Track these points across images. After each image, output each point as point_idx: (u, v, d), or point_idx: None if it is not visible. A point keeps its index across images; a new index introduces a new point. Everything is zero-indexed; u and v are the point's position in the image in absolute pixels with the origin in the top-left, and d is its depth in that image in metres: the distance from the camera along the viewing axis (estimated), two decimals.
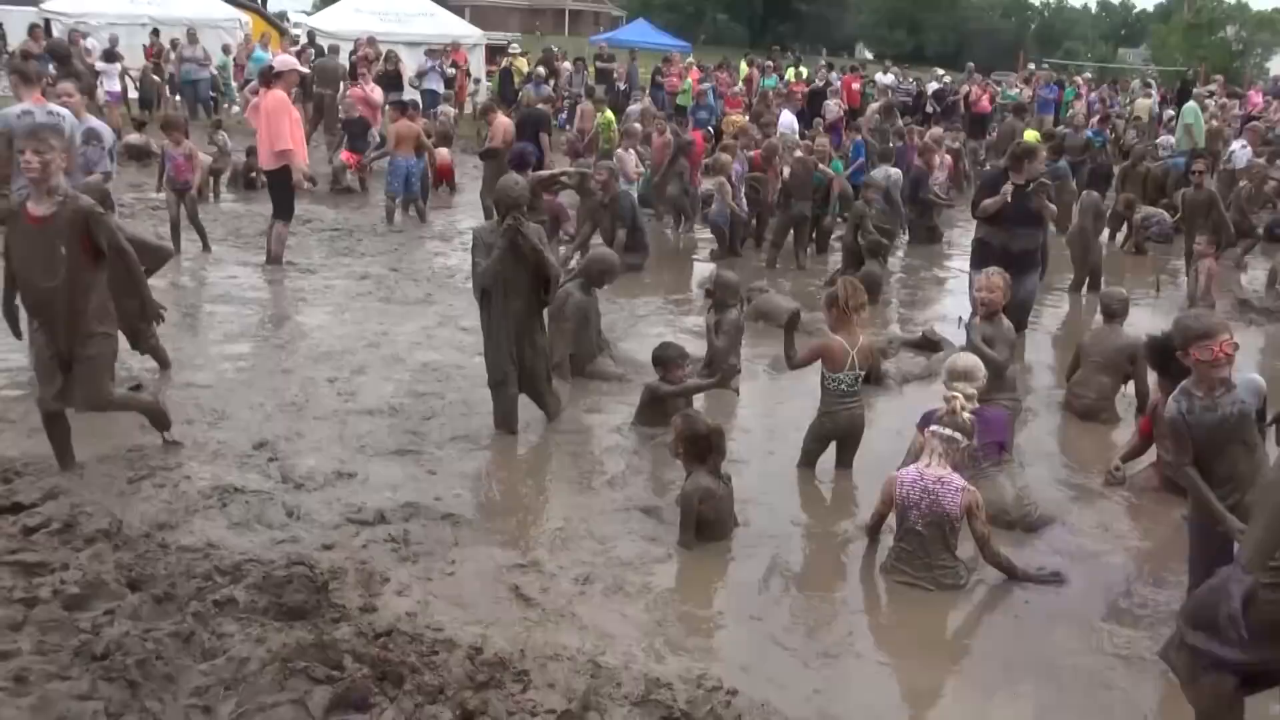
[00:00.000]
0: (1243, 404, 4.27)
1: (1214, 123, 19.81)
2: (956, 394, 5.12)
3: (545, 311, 6.79)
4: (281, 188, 10.33)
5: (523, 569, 4.93)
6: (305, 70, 13.35)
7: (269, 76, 10.94)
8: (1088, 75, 32.62)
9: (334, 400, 7.05)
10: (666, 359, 6.87)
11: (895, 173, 12.71)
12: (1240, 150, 15.19)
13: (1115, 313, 7.41)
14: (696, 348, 8.00)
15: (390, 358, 8.01)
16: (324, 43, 22.10)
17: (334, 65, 18.27)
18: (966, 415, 5.02)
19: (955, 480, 4.92)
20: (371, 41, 20.51)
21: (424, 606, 4.51)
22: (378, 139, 16.78)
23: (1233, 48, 77.34)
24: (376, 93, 17.28)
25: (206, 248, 11.05)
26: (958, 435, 4.98)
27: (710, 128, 18.71)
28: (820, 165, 12.36)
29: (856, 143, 14.82)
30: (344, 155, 15.58)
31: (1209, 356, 4.13)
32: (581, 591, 4.78)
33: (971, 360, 5.73)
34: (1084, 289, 11.23)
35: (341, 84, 18.27)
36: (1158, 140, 20.06)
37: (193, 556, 4.65)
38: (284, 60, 11.35)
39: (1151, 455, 6.27)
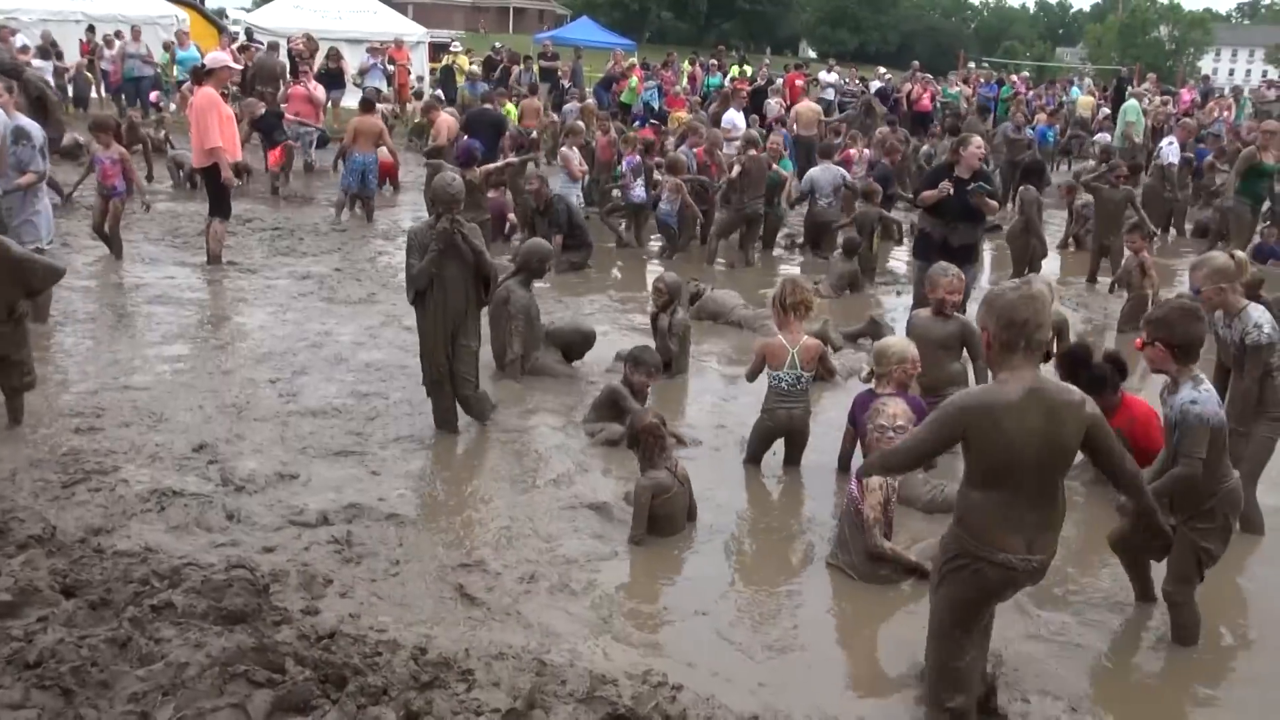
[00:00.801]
0: None
1: (1149, 121, 20.27)
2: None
3: (482, 312, 6.71)
4: (216, 185, 10.18)
5: (467, 568, 4.91)
6: (237, 67, 13.11)
7: (200, 74, 10.79)
8: (1025, 74, 33.14)
9: (275, 401, 6.97)
10: (644, 363, 6.80)
11: (837, 170, 12.85)
12: (1169, 147, 15.50)
13: None
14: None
15: (333, 358, 7.93)
16: (263, 40, 21.78)
17: (272, 63, 18.02)
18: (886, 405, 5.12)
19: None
20: (307, 38, 20.25)
21: (367, 608, 4.48)
22: (315, 137, 16.59)
23: (1166, 47, 79.11)
24: (319, 90, 17.10)
25: (118, 256, 10.55)
26: (878, 421, 5.05)
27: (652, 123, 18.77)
28: (773, 165, 12.43)
29: (785, 136, 14.97)
30: (271, 156, 14.99)
31: None
32: (527, 590, 4.77)
33: (904, 344, 5.82)
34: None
35: (281, 81, 18.01)
36: (1095, 138, 20.49)
37: (130, 561, 4.57)
38: (215, 57, 11.18)
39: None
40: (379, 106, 18.18)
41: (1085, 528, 5.57)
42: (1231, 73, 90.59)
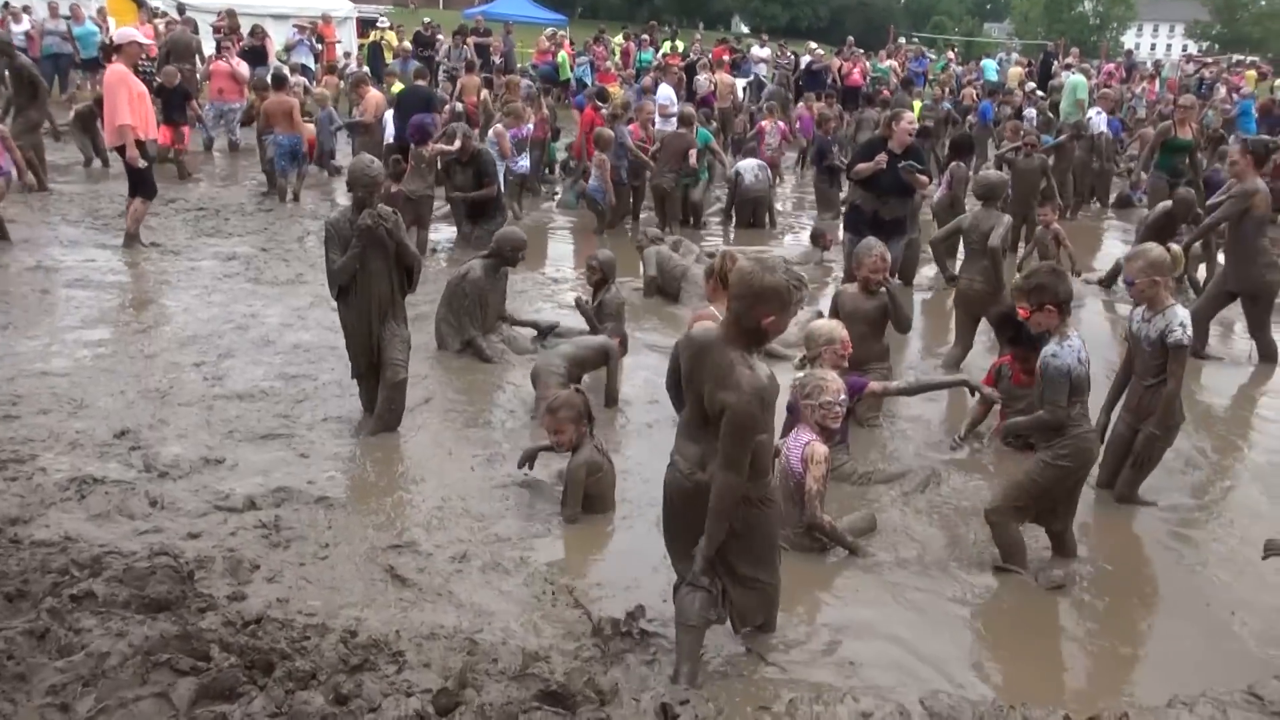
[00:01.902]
0: None
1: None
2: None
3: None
4: (133, 164, 9.91)
5: (398, 550, 4.87)
6: (147, 42, 12.71)
7: (110, 49, 10.47)
8: (956, 49, 33.55)
9: (200, 385, 6.83)
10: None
11: (752, 162, 12.96)
12: (1097, 117, 15.77)
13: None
14: (574, 323, 8.15)
15: (260, 340, 7.79)
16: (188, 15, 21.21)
17: (188, 38, 17.54)
18: (799, 376, 5.21)
19: (804, 436, 5.02)
20: (230, 14, 19.77)
21: (296, 592, 4.43)
22: (239, 115, 16.24)
23: (1090, 22, 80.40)
24: (242, 67, 16.71)
25: (2, 237, 10.10)
26: (824, 399, 5.09)
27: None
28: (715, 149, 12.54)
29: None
30: (161, 133, 13.76)
31: None
32: (459, 570, 4.74)
33: (832, 325, 5.86)
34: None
35: (199, 57, 17.55)
36: (1024, 113, 20.79)
37: (48, 551, 4.46)
38: (123, 33, 10.83)
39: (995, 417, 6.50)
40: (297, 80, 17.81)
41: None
42: (1153, 47, 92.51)
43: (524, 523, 5.24)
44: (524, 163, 13.12)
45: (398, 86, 16.10)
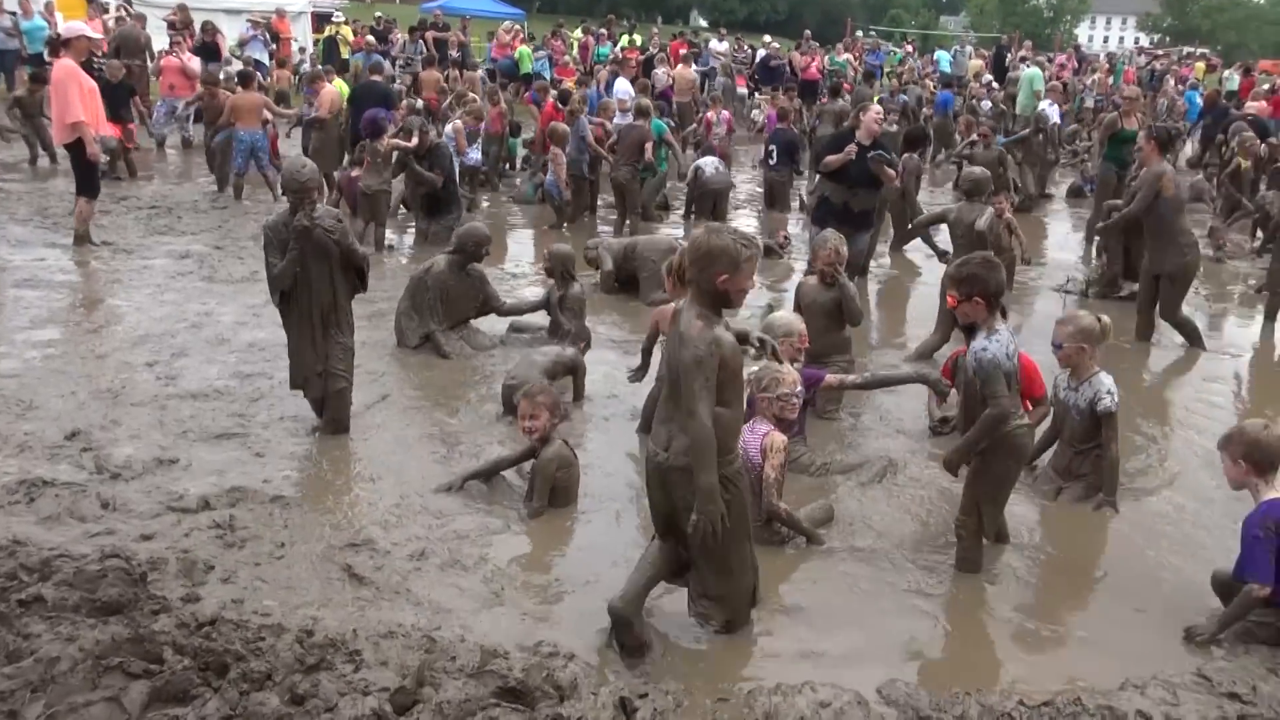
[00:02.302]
0: None
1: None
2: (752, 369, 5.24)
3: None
4: (81, 162, 9.75)
5: (355, 548, 4.83)
6: (97, 36, 12.50)
7: (56, 44, 10.30)
8: (913, 40, 33.78)
9: (153, 385, 6.74)
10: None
11: (712, 158, 12.99)
12: (1050, 109, 15.95)
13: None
14: (534, 318, 8.17)
15: (214, 339, 7.70)
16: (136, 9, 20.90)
17: (137, 33, 17.28)
18: (753, 370, 5.17)
19: (762, 428, 5.04)
20: (182, 9, 19.49)
21: (251, 592, 4.38)
22: (190, 111, 16.02)
23: (1044, 15, 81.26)
24: (194, 62, 16.50)
25: None
26: (781, 391, 5.10)
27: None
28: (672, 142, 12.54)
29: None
30: (112, 129, 13.51)
31: None
32: (417, 567, 4.71)
33: (790, 318, 5.89)
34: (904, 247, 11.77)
35: (148, 53, 17.30)
36: (981, 104, 20.99)
37: None
38: (70, 27, 10.65)
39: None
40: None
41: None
42: (1105, 40, 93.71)
43: (483, 519, 5.21)
44: (474, 155, 13.24)
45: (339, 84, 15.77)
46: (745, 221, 13.50)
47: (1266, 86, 26.02)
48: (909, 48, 29.77)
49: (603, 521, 5.24)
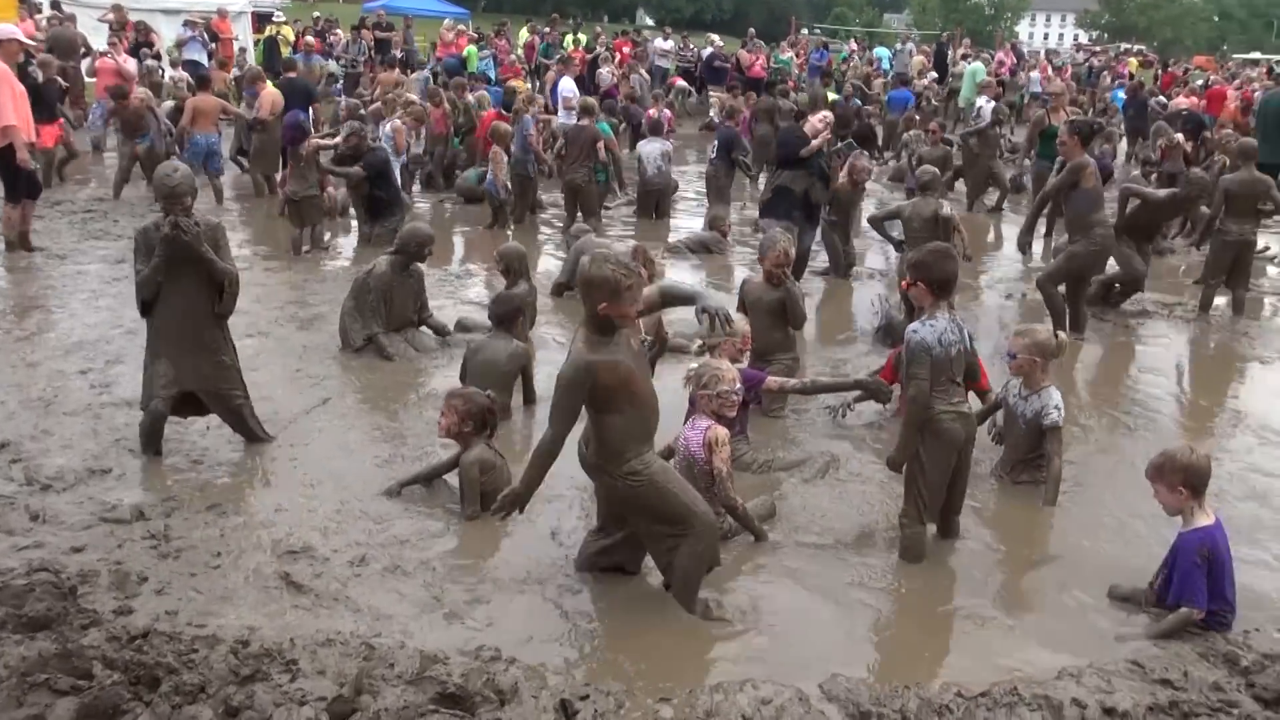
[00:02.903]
0: None
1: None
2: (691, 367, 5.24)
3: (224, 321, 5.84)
4: (10, 167, 9.52)
5: (294, 555, 4.76)
6: (28, 41, 12.20)
7: None
8: (858, 40, 34.06)
9: (87, 393, 6.60)
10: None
11: (661, 143, 12.96)
12: (986, 105, 16.14)
13: None
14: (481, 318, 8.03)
15: None
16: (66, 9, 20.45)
17: (71, 34, 16.91)
18: (693, 367, 5.19)
19: (703, 423, 5.04)
20: (117, 9, 19.11)
21: (186, 604, 4.30)
22: (100, 112, 15.60)
23: (986, 12, 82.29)
24: (130, 64, 16.19)
25: None
26: (721, 389, 5.10)
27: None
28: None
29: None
30: (45, 134, 12.84)
31: None
32: (357, 573, 4.65)
33: (735, 319, 5.86)
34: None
35: (83, 53, 16.94)
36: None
37: None
38: (2, 29, 10.40)
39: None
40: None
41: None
42: (1045, 36, 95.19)
43: (424, 523, 5.16)
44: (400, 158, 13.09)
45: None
46: (689, 221, 13.49)
47: (1200, 82, 26.61)
48: (853, 45, 29.96)
49: (545, 522, 5.21)
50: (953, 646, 4.37)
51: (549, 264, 10.87)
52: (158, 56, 18.47)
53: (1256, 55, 57.63)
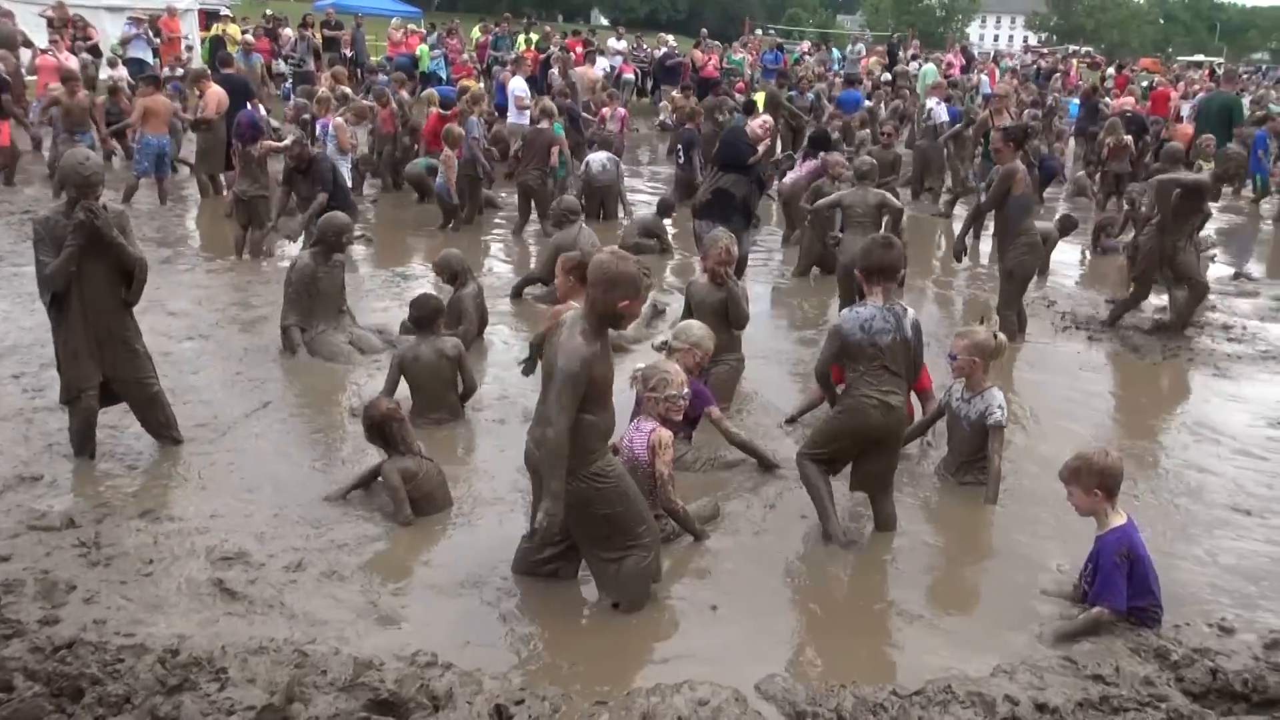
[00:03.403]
0: None
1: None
2: (637, 367, 5.23)
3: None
4: None
5: (228, 562, 4.68)
6: None
7: None
8: (810, 40, 34.26)
9: (19, 398, 6.46)
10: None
11: (601, 155, 12.93)
12: (938, 107, 16.27)
13: None
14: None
15: None
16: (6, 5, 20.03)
17: (10, 31, 16.57)
18: (641, 369, 5.16)
19: (648, 425, 5.03)
20: (60, 5, 18.76)
21: (115, 613, 4.21)
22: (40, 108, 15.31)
23: (937, 14, 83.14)
24: (71, 61, 15.87)
25: None
26: (648, 392, 5.09)
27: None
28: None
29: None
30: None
31: None
32: (293, 580, 4.59)
33: (703, 332, 5.86)
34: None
35: (20, 50, 16.59)
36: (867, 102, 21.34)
37: None
38: None
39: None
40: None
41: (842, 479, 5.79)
42: (996, 38, 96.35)
43: (363, 527, 5.10)
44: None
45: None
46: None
47: (1145, 84, 27.07)
48: (805, 46, 30.12)
49: (486, 525, 5.17)
50: (891, 645, 4.38)
51: (498, 266, 10.84)
52: (93, 51, 18.12)
53: (1200, 57, 58.77)
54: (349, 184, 11.84)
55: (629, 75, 25.71)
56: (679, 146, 14.18)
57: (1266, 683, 3.94)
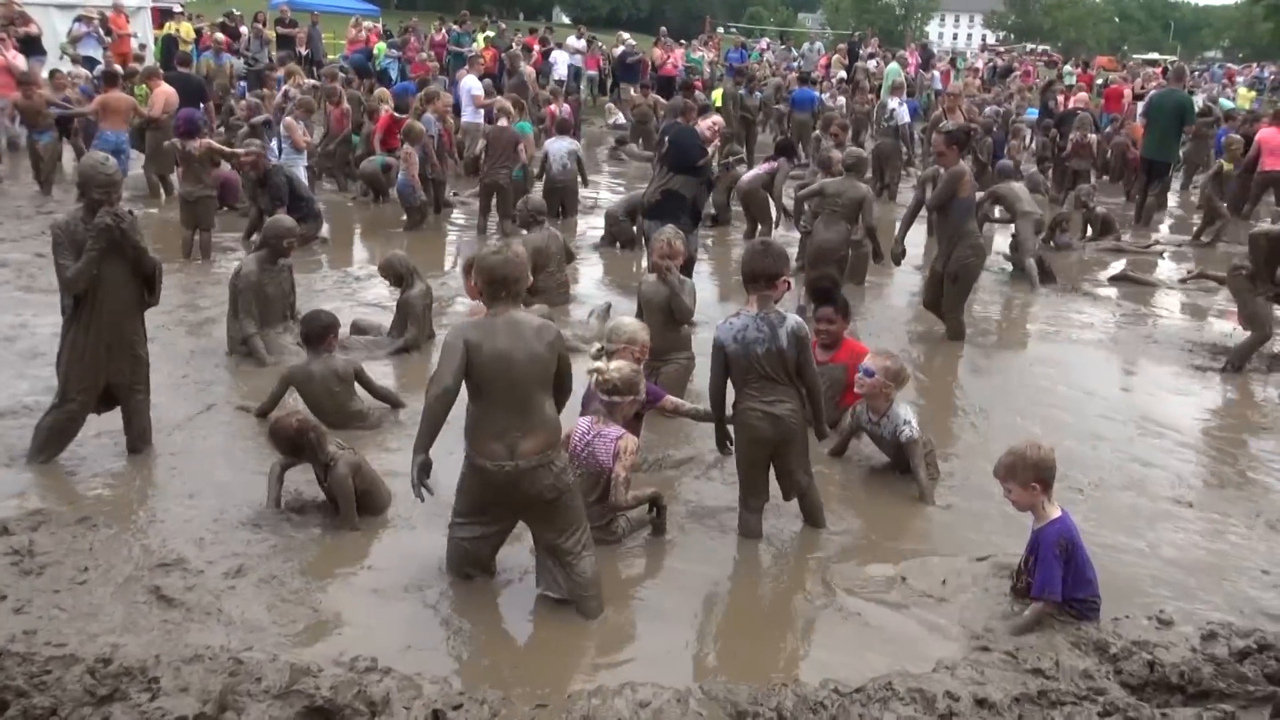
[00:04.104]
0: None
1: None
2: (597, 367, 5.15)
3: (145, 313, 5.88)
4: None
5: (166, 569, 4.60)
6: None
7: None
8: (768, 39, 34.35)
9: None
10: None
11: (562, 147, 12.85)
12: (900, 108, 16.35)
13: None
14: (382, 320, 8.12)
15: (27, 352, 7.29)
16: None
17: None
18: (615, 374, 5.07)
19: (613, 431, 4.99)
20: (6, 4, 18.41)
21: (46, 622, 4.12)
22: (13, 110, 15.13)
23: (897, 12, 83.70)
24: (18, 59, 15.59)
25: None
26: (615, 398, 5.04)
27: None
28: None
29: None
30: None
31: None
32: (231, 586, 4.51)
33: (634, 326, 5.82)
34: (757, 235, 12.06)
35: None
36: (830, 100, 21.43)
37: None
38: None
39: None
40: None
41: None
42: (955, 36, 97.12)
43: (306, 531, 5.03)
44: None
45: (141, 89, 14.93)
46: (597, 220, 13.46)
47: (1100, 81, 27.38)
48: (764, 44, 30.18)
49: (429, 529, 5.05)
50: (834, 642, 4.37)
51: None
52: (29, 44, 17.77)
53: (1155, 55, 59.57)
54: (307, 184, 11.75)
55: (592, 72, 25.70)
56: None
57: (1202, 675, 3.97)
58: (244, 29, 23.02)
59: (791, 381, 4.92)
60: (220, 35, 20.90)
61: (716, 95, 18.57)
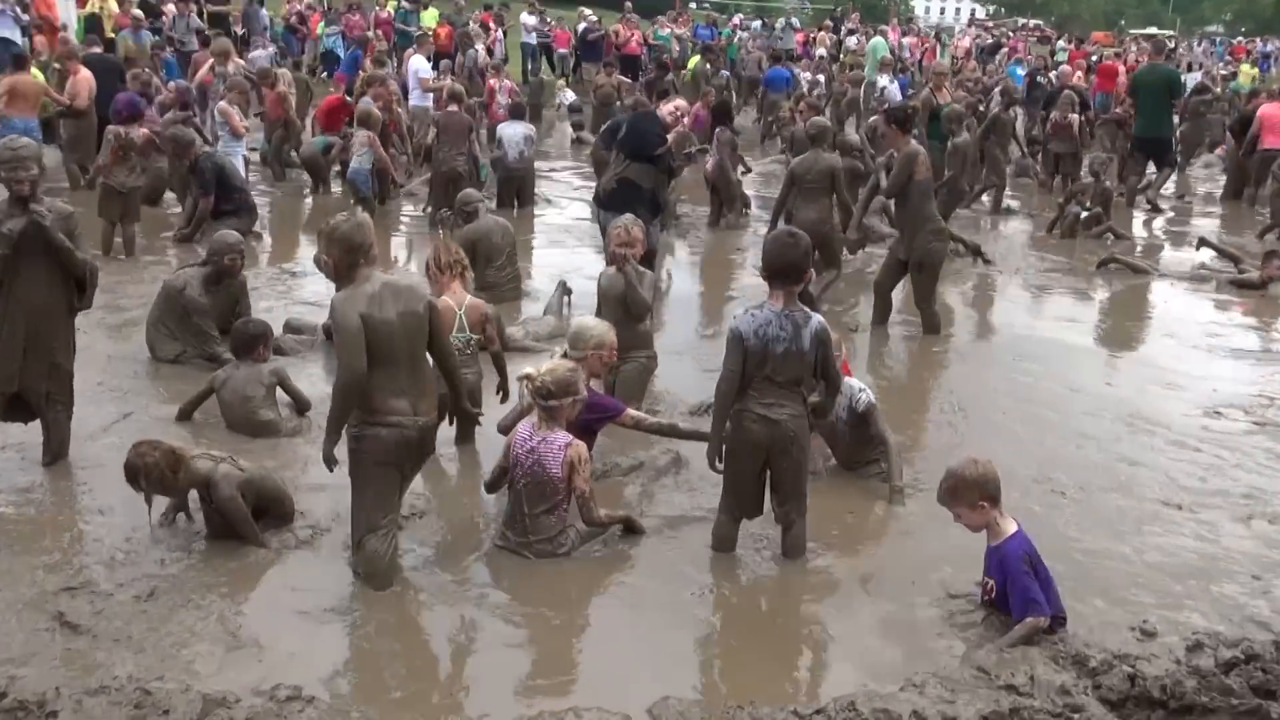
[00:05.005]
0: None
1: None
2: (526, 373, 5.11)
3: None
4: None
5: (72, 592, 4.52)
6: None
7: None
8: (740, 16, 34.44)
9: None
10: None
11: (518, 132, 12.80)
12: (891, 85, 16.40)
13: None
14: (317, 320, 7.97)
15: None
16: None
17: None
18: (547, 377, 5.02)
19: (559, 438, 4.95)
20: None
21: None
22: None
23: None
24: None
25: None
26: (551, 402, 5.00)
27: None
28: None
29: None
30: None
31: None
32: (144, 610, 4.44)
33: (602, 329, 5.77)
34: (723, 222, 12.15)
35: None
36: (807, 77, 21.51)
37: None
38: None
39: None
40: None
41: None
42: (943, 11, 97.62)
43: (224, 550, 4.95)
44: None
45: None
46: (553, 211, 13.45)
47: (1095, 58, 27.59)
48: (737, 20, 30.23)
49: (335, 544, 5.05)
50: (790, 662, 4.38)
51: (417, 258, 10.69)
52: None
53: (1153, 30, 60.10)
54: (244, 174, 11.66)
55: (563, 50, 25.63)
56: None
57: (1184, 688, 3.99)
58: (170, 6, 22.76)
59: (798, 386, 4.80)
60: (137, 12, 20.58)
61: (692, 63, 18.59)
